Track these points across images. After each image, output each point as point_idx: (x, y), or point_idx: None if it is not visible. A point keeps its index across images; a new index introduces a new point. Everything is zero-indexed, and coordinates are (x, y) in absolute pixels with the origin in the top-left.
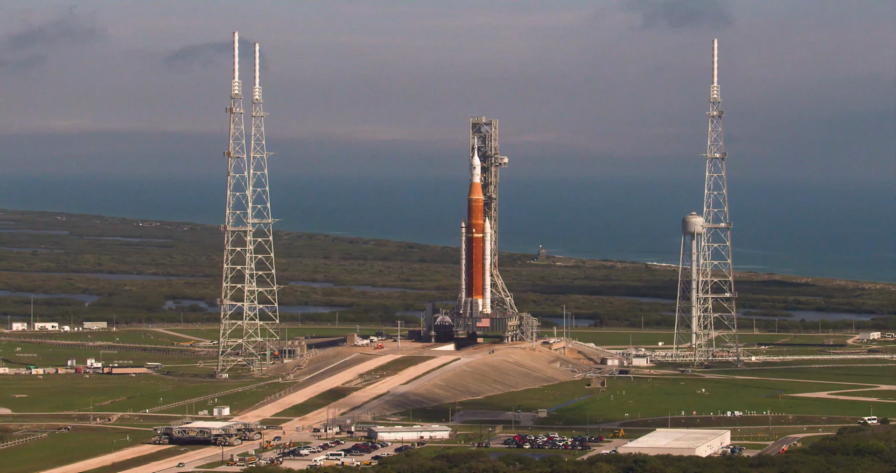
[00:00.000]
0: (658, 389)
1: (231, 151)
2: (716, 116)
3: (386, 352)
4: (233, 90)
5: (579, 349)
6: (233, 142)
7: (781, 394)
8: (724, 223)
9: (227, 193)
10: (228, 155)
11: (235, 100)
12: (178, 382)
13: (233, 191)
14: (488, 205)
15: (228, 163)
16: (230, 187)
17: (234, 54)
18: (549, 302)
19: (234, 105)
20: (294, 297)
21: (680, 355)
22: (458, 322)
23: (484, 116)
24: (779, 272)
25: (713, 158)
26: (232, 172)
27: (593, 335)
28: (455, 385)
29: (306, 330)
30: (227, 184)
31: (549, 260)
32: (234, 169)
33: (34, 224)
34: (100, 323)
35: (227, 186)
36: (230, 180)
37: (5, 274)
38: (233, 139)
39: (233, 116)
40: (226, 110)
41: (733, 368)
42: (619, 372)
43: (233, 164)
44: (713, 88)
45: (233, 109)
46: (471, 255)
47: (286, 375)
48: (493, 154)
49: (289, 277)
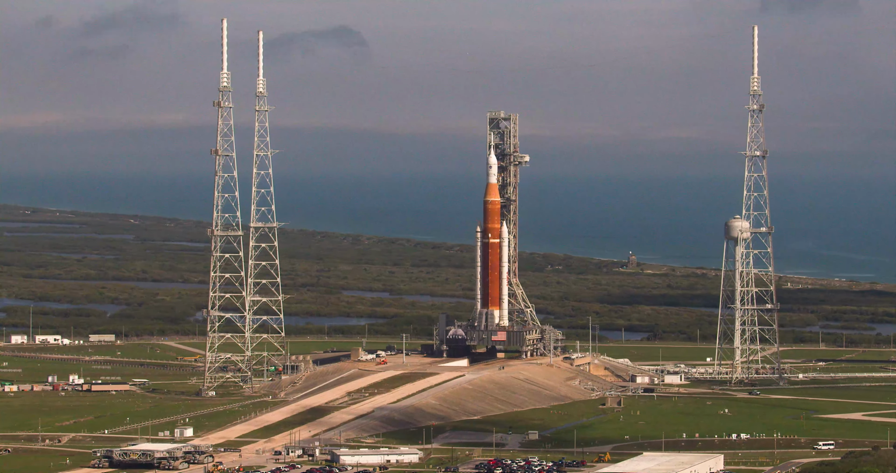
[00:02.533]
0: (678, 409)
1: (219, 149)
2: (756, 111)
3: (387, 368)
4: (221, 82)
5: (607, 365)
6: (221, 138)
7: (804, 416)
8: (764, 228)
9: (215, 194)
10: (216, 153)
11: (224, 93)
12: (158, 400)
13: (221, 192)
14: (507, 207)
15: (216, 161)
16: (218, 188)
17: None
18: (613, 314)
19: (222, 98)
20: (336, 308)
21: (720, 371)
22: (472, 336)
23: (503, 109)
24: (884, 282)
25: (753, 157)
26: (220, 172)
27: (643, 349)
28: (451, 404)
29: (327, 344)
30: (215, 184)
31: (639, 268)
32: (223, 168)
33: (102, 227)
34: (107, 336)
35: (215, 186)
36: (218, 179)
37: (36, 282)
38: (221, 136)
39: (221, 110)
40: (213, 104)
41: (774, 386)
42: (643, 391)
43: (221, 162)
44: (753, 79)
45: (221, 103)
46: (486, 262)
47: (278, 392)
48: (511, 152)
49: (343, 286)
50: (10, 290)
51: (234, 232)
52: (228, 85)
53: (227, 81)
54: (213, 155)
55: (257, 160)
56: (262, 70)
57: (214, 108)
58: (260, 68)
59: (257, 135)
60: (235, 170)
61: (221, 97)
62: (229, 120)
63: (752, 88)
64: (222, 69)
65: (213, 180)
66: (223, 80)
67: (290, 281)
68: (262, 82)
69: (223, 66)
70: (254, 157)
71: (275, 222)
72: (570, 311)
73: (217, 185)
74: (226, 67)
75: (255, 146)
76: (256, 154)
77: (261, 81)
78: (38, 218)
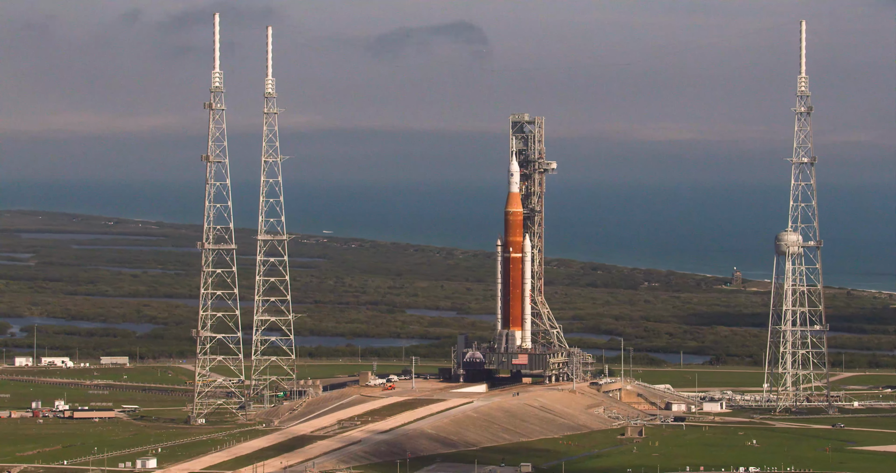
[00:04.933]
0: (703, 440)
1: (210, 155)
2: (804, 113)
3: (392, 394)
4: (213, 82)
5: (640, 392)
6: (213, 144)
7: (829, 447)
8: (813, 242)
9: (206, 204)
10: (207, 160)
11: (216, 94)
12: (141, 428)
13: (213, 201)
14: (531, 219)
15: (207, 168)
16: (209, 198)
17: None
18: (686, 335)
19: (214, 100)
20: (387, 328)
21: (769, 399)
22: (491, 359)
23: (527, 112)
24: None
25: (800, 163)
26: (211, 180)
27: (701, 373)
28: (448, 433)
29: (356, 367)
30: (206, 194)
31: (744, 285)
32: (214, 176)
33: (182, 240)
34: (121, 358)
35: (206, 196)
36: (209, 188)
37: (76, 300)
38: (213, 141)
39: (213, 112)
40: (204, 106)
41: (823, 415)
42: (673, 419)
43: (213, 170)
44: (800, 79)
45: (213, 105)
46: (507, 278)
47: (274, 420)
48: (536, 158)
49: (409, 304)
50: (45, 308)
51: (227, 246)
52: (221, 85)
53: (220, 81)
54: (204, 161)
55: (266, 167)
56: (272, 69)
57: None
58: (269, 67)
59: (265, 140)
60: (228, 178)
61: (213, 99)
62: (221, 123)
63: (800, 89)
64: (214, 68)
65: (261, 189)
66: (215, 80)
67: (353, 298)
68: (271, 82)
69: (215, 64)
70: (262, 163)
71: (284, 234)
72: (643, 331)
73: (208, 194)
74: (217, 65)
75: (264, 152)
76: (265, 161)
77: (270, 80)
78: (118, 229)
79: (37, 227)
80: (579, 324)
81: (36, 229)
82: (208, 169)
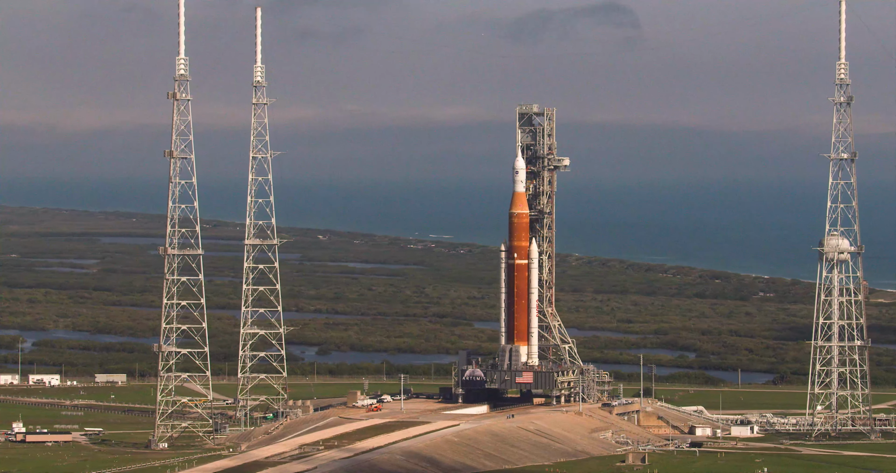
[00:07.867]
0: (713, 468)
1: (175, 151)
2: (843, 104)
3: (374, 416)
4: (178, 70)
5: (660, 414)
6: (177, 137)
7: None
8: (853, 247)
9: (169, 204)
10: (171, 156)
11: (181, 82)
12: (95, 453)
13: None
14: (539, 222)
15: (171, 165)
16: (173, 197)
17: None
18: (766, 351)
19: (178, 90)
20: (436, 343)
21: (812, 422)
22: (493, 377)
23: (536, 104)
24: None
25: (839, 160)
26: (175, 178)
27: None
28: (419, 459)
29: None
30: (169, 193)
31: (871, 296)
32: (179, 174)
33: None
34: (119, 375)
35: (170, 195)
36: (172, 187)
37: (110, 311)
38: (177, 134)
39: (178, 103)
40: (167, 96)
41: (862, 440)
42: (689, 444)
43: (177, 166)
44: (839, 65)
45: (177, 95)
46: (511, 287)
47: (242, 445)
48: (545, 154)
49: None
50: (73, 320)
51: (194, 251)
52: (186, 73)
53: (185, 68)
54: (168, 158)
55: (254, 164)
56: (261, 55)
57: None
58: (258, 53)
59: (254, 134)
60: (195, 176)
61: (178, 88)
62: (187, 115)
63: (839, 77)
64: (178, 54)
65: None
66: (179, 66)
67: (422, 310)
68: (260, 70)
69: (180, 50)
70: (249, 159)
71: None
72: (720, 347)
73: (172, 193)
74: (183, 51)
75: (252, 147)
76: (253, 156)
77: (259, 68)
78: (211, 233)
79: (126, 231)
80: (655, 339)
81: (124, 233)
82: (171, 165)
